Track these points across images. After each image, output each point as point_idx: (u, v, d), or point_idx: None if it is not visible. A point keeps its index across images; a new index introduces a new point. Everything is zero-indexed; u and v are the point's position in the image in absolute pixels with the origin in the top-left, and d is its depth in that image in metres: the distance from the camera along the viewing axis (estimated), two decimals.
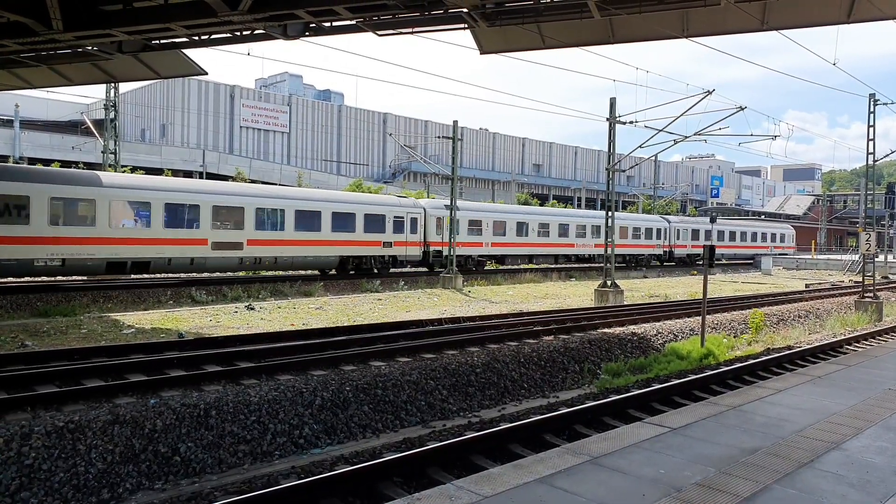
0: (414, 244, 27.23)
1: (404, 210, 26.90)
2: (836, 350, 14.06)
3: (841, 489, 4.51)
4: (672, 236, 41.63)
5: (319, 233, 23.65)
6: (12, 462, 6.46)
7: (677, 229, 42.05)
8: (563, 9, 11.35)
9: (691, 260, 43.09)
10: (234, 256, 21.31)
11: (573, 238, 35.56)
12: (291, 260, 23.08)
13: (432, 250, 28.23)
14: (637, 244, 39.21)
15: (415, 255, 27.32)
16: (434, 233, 28.28)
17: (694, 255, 43.48)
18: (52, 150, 42.85)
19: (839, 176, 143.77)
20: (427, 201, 29.97)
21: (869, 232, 21.09)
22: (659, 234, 40.71)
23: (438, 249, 28.35)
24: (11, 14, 10.76)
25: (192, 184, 22.77)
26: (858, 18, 11.34)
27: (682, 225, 42.99)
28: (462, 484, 4.46)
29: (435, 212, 28.71)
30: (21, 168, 20.60)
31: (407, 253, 26.83)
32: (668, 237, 41.31)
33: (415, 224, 27.27)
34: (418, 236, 27.40)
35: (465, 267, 29.81)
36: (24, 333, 12.51)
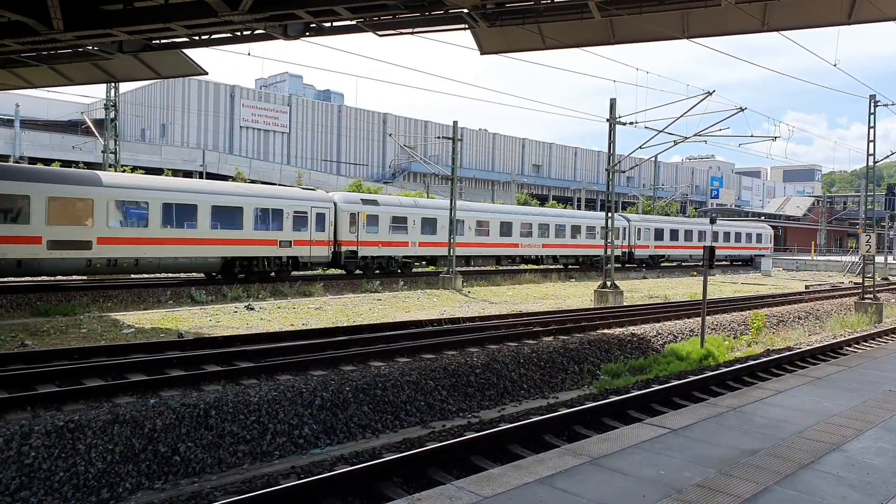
0: (320, 243, 23.81)
1: (308, 204, 23.48)
2: (836, 351, 14.06)
3: (841, 490, 4.51)
4: (632, 236, 38.57)
5: (195, 230, 20.38)
6: (12, 461, 6.46)
7: (638, 228, 38.90)
8: (564, 9, 11.36)
9: (654, 262, 40.29)
10: (79, 257, 18.09)
11: (517, 238, 32.12)
12: (158, 262, 19.86)
13: (345, 251, 24.81)
14: (591, 244, 36.16)
15: (321, 256, 23.95)
16: (347, 230, 24.88)
17: (657, 256, 40.24)
18: (52, 149, 42.85)
19: (839, 177, 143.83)
20: (340, 194, 26.58)
21: (869, 233, 21.09)
22: (617, 233, 37.21)
23: (352, 250, 25.03)
24: (12, 14, 10.76)
25: (20, 170, 18.73)
26: (859, 19, 11.34)
27: (644, 224, 39.94)
28: (462, 484, 4.46)
29: (348, 206, 25.21)
30: None
31: (311, 254, 23.48)
32: (627, 237, 38.29)
33: (322, 220, 23.83)
34: (326, 234, 24.04)
35: (387, 270, 26.70)
36: (25, 333, 12.50)
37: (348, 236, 24.99)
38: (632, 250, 38.65)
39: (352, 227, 25.12)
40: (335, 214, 24.57)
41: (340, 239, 24.74)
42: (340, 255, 24.76)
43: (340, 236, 24.76)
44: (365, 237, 25.50)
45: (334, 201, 24.84)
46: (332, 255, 24.35)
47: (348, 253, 25.03)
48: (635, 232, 38.74)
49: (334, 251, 24.52)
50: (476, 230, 30.23)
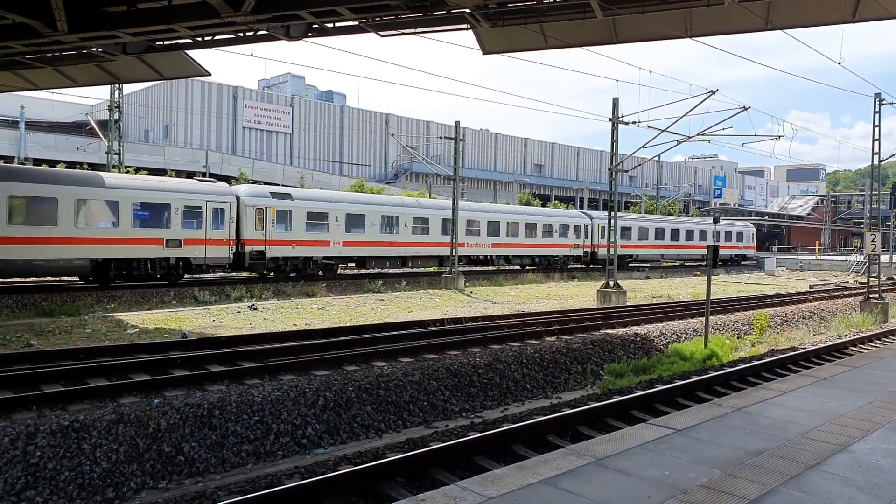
0: (218, 243, 20.87)
1: (202, 198, 20.52)
2: (841, 351, 14.00)
3: (848, 492, 4.49)
4: (595, 234, 36.07)
5: (55, 227, 17.62)
6: (18, 461, 6.48)
7: (602, 227, 35.54)
8: (566, 9, 11.34)
9: (620, 262, 38.50)
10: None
11: (463, 236, 29.35)
12: (5, 264, 16.92)
13: (250, 251, 21.81)
14: (549, 244, 33.69)
15: (219, 258, 21.00)
16: (253, 228, 21.88)
17: (624, 256, 37.14)
18: (56, 151, 43.00)
19: (843, 176, 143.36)
20: (246, 187, 23.68)
21: (874, 232, 21.01)
22: (578, 231, 35.29)
23: (259, 250, 22.02)
24: (17, 16, 10.80)
25: None
26: (863, 18, 11.30)
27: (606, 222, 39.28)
28: (466, 485, 4.45)
29: (254, 201, 22.17)
30: None
31: (207, 255, 20.63)
32: (590, 236, 35.99)
33: (220, 216, 20.97)
34: (226, 232, 21.13)
35: (304, 272, 23.72)
36: (30, 333, 12.54)
37: (254, 235, 21.99)
38: (595, 250, 36.08)
39: (259, 224, 22.08)
40: (238, 210, 21.69)
41: (245, 237, 21.77)
42: (244, 256, 21.77)
43: (245, 234, 21.79)
44: (275, 236, 22.44)
45: (237, 195, 22.02)
46: (234, 255, 21.47)
47: (254, 254, 22.03)
48: (598, 230, 35.96)
49: (237, 251, 21.62)
50: (414, 227, 27.41)
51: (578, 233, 35.42)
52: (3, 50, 12.88)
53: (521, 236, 32.21)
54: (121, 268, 19.34)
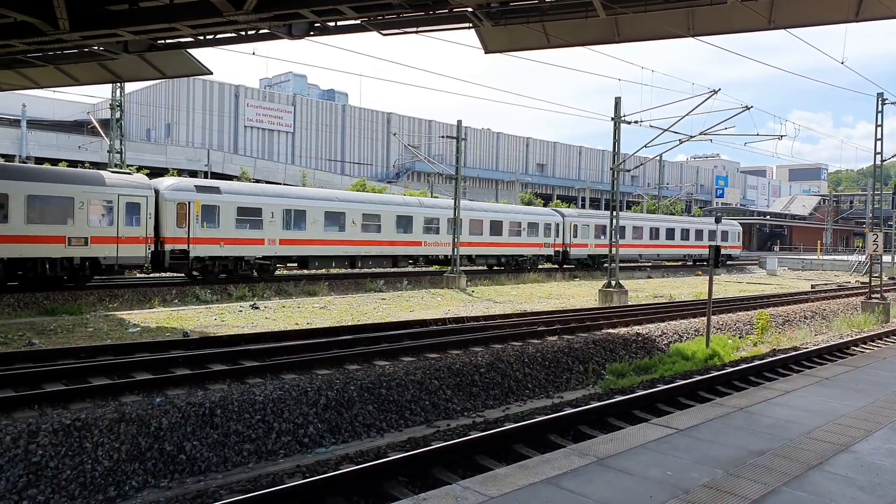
0: (132, 241, 18.92)
1: (114, 191, 18.61)
2: (843, 351, 13.98)
3: (850, 492, 4.48)
4: (567, 233, 34.74)
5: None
6: (20, 459, 6.49)
7: (574, 225, 35.06)
8: (569, 8, 11.33)
9: (595, 262, 36.21)
10: None
11: (420, 235, 27.42)
12: None
13: (170, 250, 19.95)
14: (517, 242, 32.16)
15: (133, 257, 19.08)
16: (174, 225, 19.98)
17: (598, 256, 35.77)
18: (58, 149, 43.04)
19: (845, 176, 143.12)
20: (168, 180, 21.58)
21: (876, 232, 20.97)
22: (549, 230, 33.74)
23: (181, 248, 20.14)
24: (18, 14, 10.81)
25: None
26: (866, 17, 11.27)
27: (582, 220, 36.07)
28: (468, 484, 4.45)
29: (176, 195, 20.19)
30: None
31: (119, 254, 18.66)
32: (562, 234, 34.52)
33: (135, 212, 19.03)
34: (142, 229, 19.16)
35: (236, 273, 21.83)
36: (32, 332, 12.56)
37: (176, 232, 20.02)
38: (567, 249, 34.83)
39: (181, 220, 20.11)
40: (157, 204, 19.78)
41: (165, 235, 19.87)
42: (164, 256, 19.91)
43: (165, 232, 19.88)
44: (200, 233, 20.52)
45: (156, 188, 20.05)
46: (151, 255, 19.66)
47: (176, 253, 20.07)
48: (571, 229, 34.96)
49: (156, 250, 19.85)
50: (364, 225, 25.40)
51: (549, 231, 33.88)
52: (5, 48, 12.89)
53: (485, 235, 30.62)
54: (14, 269, 17.32)
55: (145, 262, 19.65)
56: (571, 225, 35.15)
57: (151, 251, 19.64)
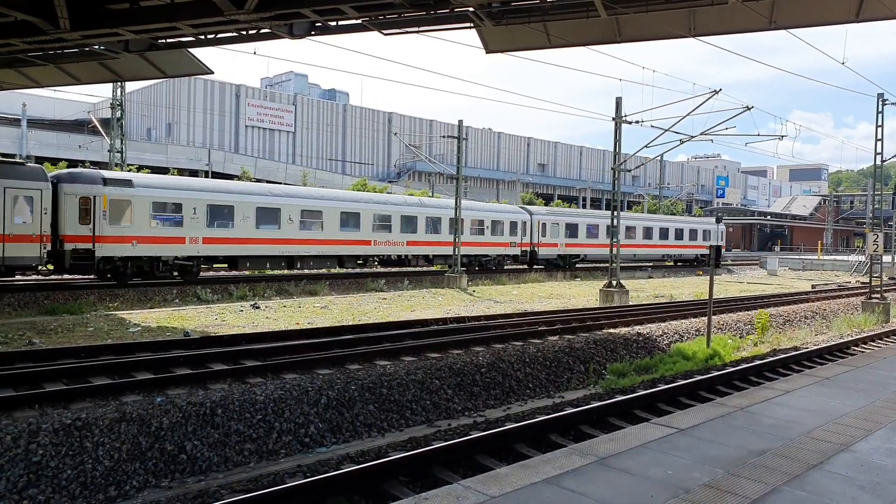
0: (23, 239, 16.98)
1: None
2: (843, 351, 13.98)
3: (851, 491, 4.48)
4: (535, 232, 32.87)
5: None
6: (20, 459, 6.49)
7: (543, 223, 33.14)
8: (570, 8, 11.33)
9: (565, 262, 34.49)
10: None
11: (369, 233, 25.48)
12: None
13: (71, 249, 17.98)
14: (479, 241, 30.23)
15: (24, 257, 17.12)
16: (76, 221, 18.04)
17: (570, 255, 34.57)
18: (58, 148, 43.07)
19: (846, 176, 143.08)
20: (70, 171, 19.96)
21: (876, 233, 20.96)
22: (515, 229, 31.86)
23: (85, 248, 18.17)
24: (19, 13, 10.82)
25: None
26: (867, 17, 11.27)
27: (551, 218, 33.99)
28: (469, 484, 4.45)
29: (78, 188, 18.24)
30: None
31: (5, 253, 16.66)
32: (529, 233, 32.64)
33: (28, 206, 17.11)
34: (36, 226, 17.18)
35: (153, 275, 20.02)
36: (32, 331, 12.57)
37: (78, 230, 18.07)
38: (535, 249, 32.85)
39: (84, 216, 18.10)
40: (56, 198, 17.85)
41: (64, 233, 17.96)
42: (65, 256, 18.01)
43: (65, 230, 17.95)
44: (108, 231, 18.53)
45: (55, 180, 18.10)
46: (49, 254, 17.76)
47: (79, 252, 18.10)
48: (539, 227, 32.96)
49: (54, 249, 17.87)
50: (302, 222, 23.29)
51: (515, 230, 31.91)
52: (6, 47, 12.90)
53: (443, 234, 28.43)
54: None
55: (40, 263, 17.70)
56: (539, 223, 33.16)
57: (48, 250, 17.65)
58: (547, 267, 33.84)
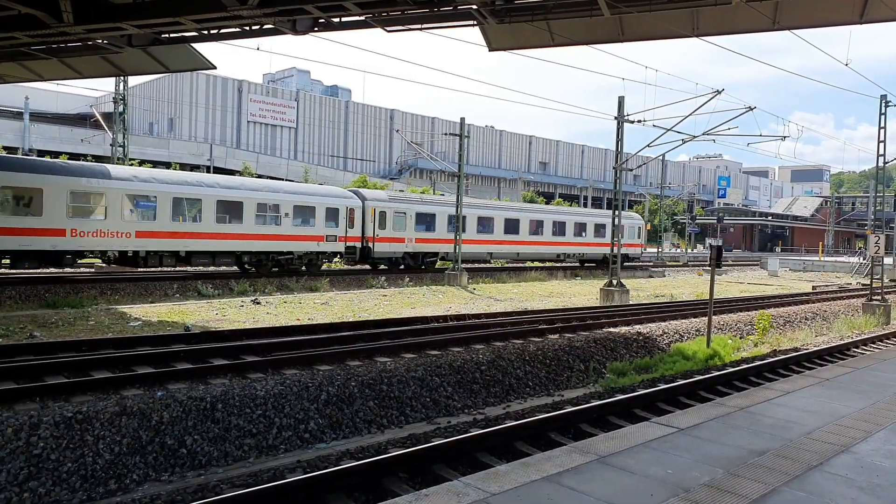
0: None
1: None
2: (843, 353, 13.98)
3: (851, 492, 4.49)
4: (370, 223, 25.66)
5: None
6: (21, 452, 6.50)
7: (381, 212, 26.02)
8: (574, 6, 11.31)
9: (417, 262, 27.73)
10: None
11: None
12: None
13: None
14: (275, 234, 22.40)
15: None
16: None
17: (423, 253, 27.79)
18: (61, 142, 43.09)
19: (848, 177, 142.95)
20: None
21: (878, 234, 20.95)
22: (335, 218, 24.28)
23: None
24: (23, 7, 10.81)
25: None
26: (871, 19, 11.25)
27: (395, 206, 26.85)
28: (469, 481, 4.46)
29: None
30: None
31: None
32: (359, 224, 25.34)
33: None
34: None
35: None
36: (33, 324, 12.58)
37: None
38: (369, 244, 25.68)
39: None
40: None
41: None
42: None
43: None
44: None
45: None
46: None
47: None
48: (375, 217, 25.84)
49: None
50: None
51: (336, 219, 24.30)
52: (9, 41, 12.89)
53: (206, 223, 20.72)
54: None
55: None
56: (376, 212, 25.72)
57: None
58: (390, 268, 26.95)
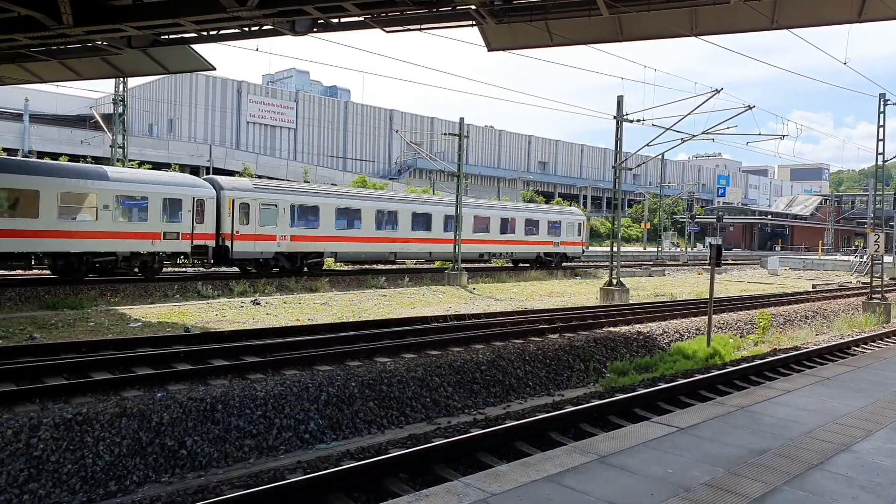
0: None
1: None
2: (843, 351, 13.98)
3: (851, 491, 4.48)
4: (226, 217, 20.73)
5: None
6: (21, 453, 6.50)
7: (243, 204, 21.03)
8: (572, 6, 11.31)
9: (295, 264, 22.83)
10: None
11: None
12: None
13: None
14: (90, 231, 18.11)
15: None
16: None
17: (303, 254, 22.87)
18: (60, 144, 43.09)
19: (847, 176, 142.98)
20: None
21: (877, 233, 20.95)
22: (176, 211, 19.77)
23: None
24: (23, 8, 10.81)
25: None
26: (869, 18, 11.25)
27: (260, 196, 21.65)
28: (470, 481, 4.45)
29: None
30: None
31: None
32: (210, 218, 20.43)
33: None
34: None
35: None
36: (33, 326, 12.58)
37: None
38: (225, 242, 20.81)
39: None
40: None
41: None
42: None
43: None
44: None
45: None
46: None
47: None
48: (235, 209, 20.77)
49: None
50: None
51: (179, 213, 19.72)
52: (9, 43, 12.89)
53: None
54: None
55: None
56: (235, 203, 20.76)
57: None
58: (259, 271, 22.52)
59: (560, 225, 32.92)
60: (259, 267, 22.62)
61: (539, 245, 31.66)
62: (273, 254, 22.20)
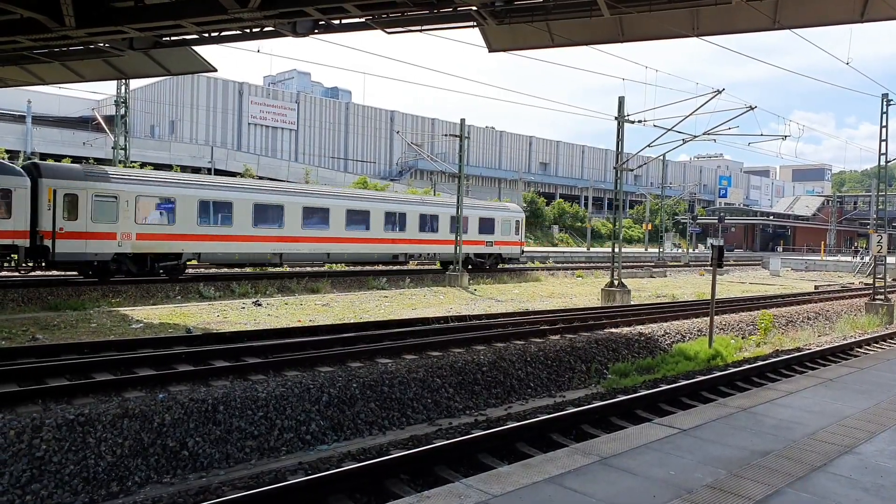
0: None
1: None
2: (846, 353, 13.95)
3: (855, 494, 4.47)
4: (47, 210, 17.13)
5: None
6: (23, 454, 6.51)
7: (69, 195, 17.51)
8: (573, 7, 11.32)
9: (145, 266, 19.20)
10: None
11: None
12: None
13: None
14: None
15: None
16: None
17: (158, 255, 19.27)
18: (63, 145, 43.15)
19: (849, 177, 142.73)
20: None
21: (880, 234, 20.90)
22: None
23: None
24: (25, 11, 10.84)
25: None
26: (871, 18, 11.25)
27: (95, 186, 18.03)
28: (471, 482, 4.45)
29: None
30: None
31: None
32: (21, 212, 16.64)
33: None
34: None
35: None
36: (35, 327, 12.60)
37: None
38: (44, 241, 17.16)
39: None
40: None
41: None
42: None
43: None
44: None
45: None
46: None
47: None
48: (56, 201, 17.28)
49: None
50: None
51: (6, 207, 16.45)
52: (11, 44, 12.92)
53: None
54: None
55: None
56: (57, 194, 17.32)
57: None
58: (100, 277, 18.67)
59: (494, 222, 29.09)
60: (97, 271, 18.61)
61: (468, 245, 27.57)
62: (112, 255, 18.35)
